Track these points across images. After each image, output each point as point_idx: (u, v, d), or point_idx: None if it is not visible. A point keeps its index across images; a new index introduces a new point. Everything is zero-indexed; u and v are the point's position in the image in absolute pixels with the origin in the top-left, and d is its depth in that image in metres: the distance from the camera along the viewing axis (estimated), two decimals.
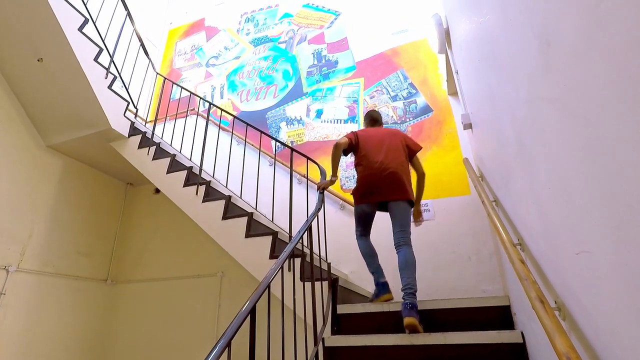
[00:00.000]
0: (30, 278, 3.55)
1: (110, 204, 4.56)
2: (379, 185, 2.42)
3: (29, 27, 3.32)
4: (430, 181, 3.41)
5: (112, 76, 3.72)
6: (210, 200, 3.02)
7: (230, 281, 3.76)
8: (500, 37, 1.30)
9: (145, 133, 3.75)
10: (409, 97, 3.89)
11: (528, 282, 1.13)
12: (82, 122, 3.70)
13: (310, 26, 4.88)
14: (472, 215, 3.10)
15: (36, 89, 3.64)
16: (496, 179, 1.84)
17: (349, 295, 2.68)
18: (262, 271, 2.59)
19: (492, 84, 1.54)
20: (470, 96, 2.31)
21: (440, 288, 2.95)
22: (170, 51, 5.93)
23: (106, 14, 4.03)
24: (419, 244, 3.17)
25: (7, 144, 3.55)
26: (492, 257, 2.87)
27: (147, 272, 4.22)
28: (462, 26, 2.12)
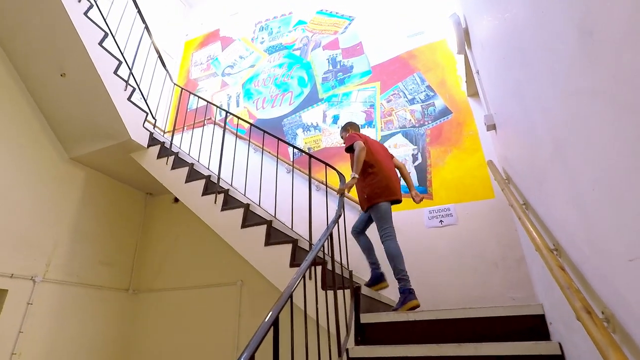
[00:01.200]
0: (55, 288, 3.61)
1: (130, 214, 4.63)
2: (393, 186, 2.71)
3: (52, 44, 3.42)
4: (452, 185, 3.33)
5: (131, 88, 3.79)
6: (229, 209, 3.01)
7: (250, 290, 3.74)
8: (529, 32, 1.24)
9: (164, 143, 3.79)
10: (426, 99, 3.82)
11: (571, 291, 1.05)
12: (103, 134, 3.77)
13: (324, 32, 4.87)
14: (497, 219, 3.00)
15: (59, 103, 3.74)
16: (526, 181, 1.75)
17: (372, 304, 2.60)
18: (282, 279, 2.55)
19: (520, 81, 1.48)
20: (494, 96, 2.23)
21: (466, 296, 2.84)
22: (187, 62, 6.03)
23: (125, 28, 4.11)
24: (442, 249, 3.09)
25: (32, 157, 3.64)
26: (521, 262, 2.75)
27: (168, 281, 4.25)
28: (484, 24, 2.05)
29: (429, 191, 3.42)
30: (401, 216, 3.39)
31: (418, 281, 3.04)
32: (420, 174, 3.52)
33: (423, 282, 3.04)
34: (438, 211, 3.28)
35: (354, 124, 3.12)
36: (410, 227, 3.32)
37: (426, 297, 2.97)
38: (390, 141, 3.79)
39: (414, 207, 3.39)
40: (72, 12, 3.26)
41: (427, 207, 3.35)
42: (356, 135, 2.80)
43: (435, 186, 3.41)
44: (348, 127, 3.08)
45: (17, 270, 3.31)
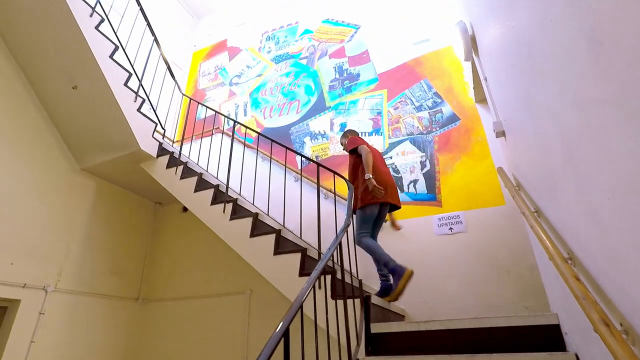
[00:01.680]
0: (66, 298, 3.64)
1: (140, 223, 4.67)
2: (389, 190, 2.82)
3: (65, 58, 3.49)
4: (461, 191, 3.31)
5: (141, 99, 3.84)
6: (238, 218, 3.02)
7: (259, 299, 3.73)
8: (539, 41, 1.23)
9: (173, 153, 3.83)
10: (434, 106, 3.82)
11: (587, 302, 1.03)
12: (114, 145, 3.82)
13: (330, 41, 4.91)
14: (508, 226, 2.96)
15: (71, 114, 3.81)
16: (538, 189, 1.74)
17: (382, 314, 2.58)
18: (292, 289, 2.54)
19: (530, 90, 1.47)
20: (502, 103, 2.22)
21: (478, 305, 2.80)
22: (195, 72, 6.11)
23: (134, 40, 4.19)
24: (452, 258, 3.06)
25: (45, 168, 3.70)
26: (533, 270, 2.71)
27: (177, 290, 4.26)
28: (491, 32, 2.05)
29: (437, 198, 3.40)
30: (410, 224, 3.38)
31: (428, 289, 3.02)
32: (428, 181, 3.51)
33: (433, 290, 3.01)
34: (447, 218, 3.26)
35: (353, 131, 3.33)
36: (419, 235, 3.30)
37: (437, 306, 2.94)
38: (397, 148, 3.79)
39: (423, 214, 3.38)
40: (84, 27, 3.33)
41: (436, 214, 3.33)
42: (360, 140, 3.05)
43: (444, 193, 3.39)
44: (347, 134, 3.27)
45: (29, 280, 3.35)
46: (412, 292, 3.07)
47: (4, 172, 3.34)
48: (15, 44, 3.59)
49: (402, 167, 3.69)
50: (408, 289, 3.08)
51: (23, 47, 3.59)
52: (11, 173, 3.40)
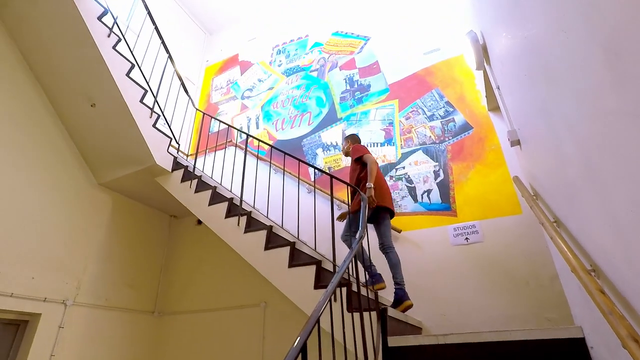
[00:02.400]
0: (85, 311, 3.69)
1: (155, 237, 4.73)
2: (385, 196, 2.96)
3: (84, 77, 3.61)
4: (476, 201, 3.26)
5: (156, 115, 3.93)
6: (252, 231, 3.03)
7: (274, 311, 3.72)
8: (552, 51, 1.23)
9: (187, 167, 3.89)
10: (446, 115, 3.80)
11: (614, 316, 1.01)
12: (130, 160, 3.90)
13: (340, 53, 4.96)
14: (526, 235, 2.90)
15: (89, 131, 3.92)
16: (556, 199, 1.71)
17: (399, 326, 2.54)
18: (307, 301, 2.53)
19: (545, 99, 1.46)
20: (517, 112, 2.20)
21: (497, 317, 2.74)
22: (208, 87, 6.23)
23: (150, 57, 4.31)
24: (469, 268, 3.01)
25: (64, 183, 3.80)
26: (554, 280, 2.64)
27: (192, 303, 4.28)
28: (502, 41, 2.05)
29: (452, 208, 3.36)
30: (425, 234, 3.34)
31: (445, 301, 2.97)
32: (442, 190, 3.48)
33: (450, 301, 2.96)
34: (463, 228, 3.21)
35: (356, 136, 3.45)
36: (435, 245, 3.26)
37: (454, 318, 2.89)
38: (410, 158, 3.77)
39: (438, 224, 3.34)
40: (102, 47, 3.45)
41: (451, 224, 3.29)
42: (365, 148, 3.18)
43: (458, 203, 3.35)
44: (349, 139, 3.40)
45: (49, 294, 3.42)
46: (429, 303, 3.03)
47: (26, 188, 3.44)
48: (38, 65, 3.72)
49: (415, 177, 3.67)
50: (425, 300, 3.06)
51: (45, 68, 3.72)
52: (32, 189, 3.49)
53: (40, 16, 3.47)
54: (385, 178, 3.80)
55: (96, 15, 3.51)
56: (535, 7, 1.32)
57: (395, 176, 3.77)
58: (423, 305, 3.05)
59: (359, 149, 3.13)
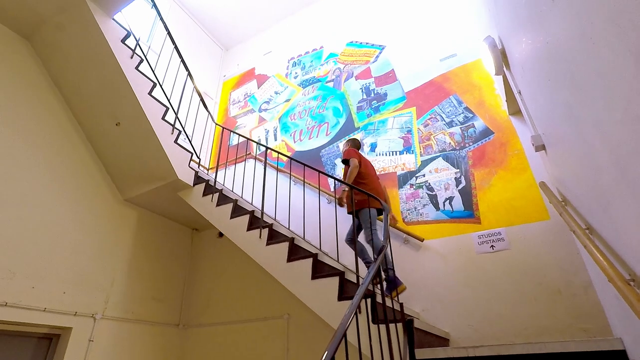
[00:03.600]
0: (113, 325, 3.77)
1: (178, 250, 4.81)
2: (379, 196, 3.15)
3: (109, 98, 3.75)
4: (501, 207, 3.19)
5: (177, 131, 4.03)
6: (274, 243, 3.05)
7: (297, 323, 3.71)
8: (577, 57, 1.21)
9: (208, 181, 3.95)
10: (465, 121, 3.76)
11: None
12: (153, 176, 4.00)
13: (355, 62, 4.99)
14: (556, 242, 2.81)
15: (115, 149, 4.05)
16: (587, 205, 1.65)
17: (425, 338, 2.49)
18: (331, 313, 2.51)
19: (571, 105, 1.43)
20: (540, 116, 2.15)
21: (528, 327, 2.65)
22: (225, 101, 6.36)
23: (170, 75, 4.45)
24: (496, 277, 2.93)
25: (92, 200, 3.93)
26: (588, 289, 2.54)
27: (216, 315, 4.31)
28: (522, 47, 2.02)
29: (475, 215, 3.29)
30: (448, 242, 3.29)
31: (472, 311, 2.90)
32: (465, 197, 3.42)
33: (478, 312, 2.89)
34: (488, 236, 3.14)
35: (356, 140, 3.63)
36: (459, 254, 3.20)
37: (483, 329, 2.81)
38: (430, 166, 3.73)
39: (461, 232, 3.28)
40: (126, 68, 3.58)
41: (475, 231, 3.22)
42: (354, 152, 3.35)
43: (482, 209, 3.28)
44: (348, 143, 3.61)
45: (80, 308, 3.51)
46: (456, 314, 2.96)
47: (57, 206, 3.57)
48: (66, 87, 3.89)
49: (436, 184, 3.62)
50: (452, 310, 2.99)
51: (72, 90, 3.89)
52: (63, 206, 3.63)
53: (69, 42, 3.64)
54: (405, 186, 3.78)
55: (120, 38, 3.66)
56: (557, 14, 1.30)
57: (415, 184, 3.74)
58: (450, 315, 2.99)
59: (349, 152, 3.35)
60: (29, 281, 3.20)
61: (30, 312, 3.14)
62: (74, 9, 3.43)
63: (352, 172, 3.14)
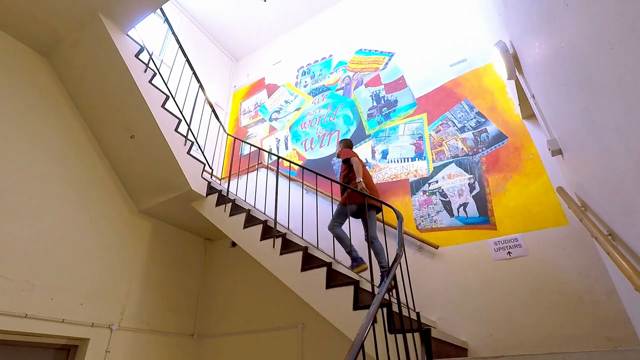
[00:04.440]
0: (129, 335, 3.80)
1: (192, 260, 4.84)
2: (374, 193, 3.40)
3: (123, 111, 3.83)
4: (517, 212, 3.14)
5: (190, 142, 4.08)
6: (288, 253, 3.05)
7: (312, 333, 3.68)
8: (595, 62, 1.19)
9: (221, 191, 3.98)
10: (477, 126, 3.72)
11: None
12: (167, 187, 4.05)
13: (365, 70, 5.01)
14: (575, 247, 2.74)
15: (129, 161, 4.11)
16: (609, 211, 1.61)
17: (443, 347, 2.45)
18: (346, 323, 2.49)
19: (589, 110, 1.40)
20: (555, 120, 2.12)
21: (550, 336, 2.58)
22: (236, 111, 6.43)
23: (182, 87, 4.53)
24: (514, 284, 2.87)
25: (108, 211, 3.99)
26: (612, 296, 2.46)
27: (229, 325, 4.31)
28: (535, 51, 2.00)
29: (491, 221, 3.24)
30: (464, 249, 3.24)
31: (491, 320, 2.84)
32: (479, 203, 3.37)
33: (497, 320, 2.83)
34: (504, 242, 3.09)
35: (348, 140, 3.90)
36: (475, 261, 3.14)
37: (503, 337, 2.75)
38: (443, 172, 3.70)
39: (477, 239, 3.23)
40: (140, 82, 3.65)
41: (491, 238, 3.17)
42: (352, 151, 3.65)
43: (497, 215, 3.23)
44: (342, 144, 3.86)
45: (97, 319, 3.55)
46: (474, 322, 2.91)
47: (74, 219, 3.64)
48: (82, 102, 3.99)
49: (449, 190, 3.58)
50: (469, 318, 2.94)
51: (88, 105, 3.98)
52: (80, 219, 3.69)
53: (84, 58, 3.74)
54: (418, 193, 3.75)
55: (133, 53, 3.74)
56: (571, 19, 1.29)
57: (428, 191, 3.70)
58: (467, 324, 2.94)
59: (347, 153, 3.60)
60: (48, 293, 3.25)
61: (49, 323, 3.19)
62: (90, 26, 3.52)
63: (359, 167, 3.37)
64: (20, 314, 3.01)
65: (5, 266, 3.02)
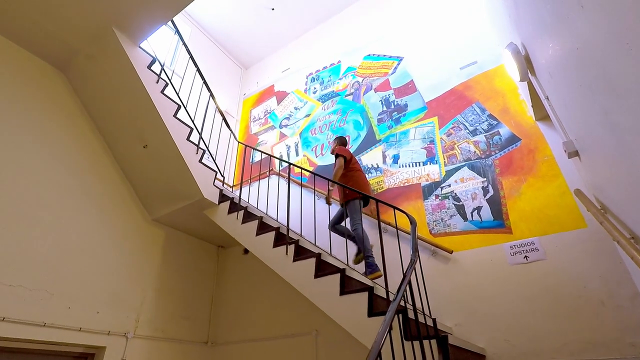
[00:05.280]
0: (144, 343, 3.83)
1: (205, 268, 4.86)
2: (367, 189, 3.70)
3: (137, 121, 3.89)
4: (533, 216, 3.09)
5: (201, 151, 4.12)
6: (301, 259, 3.04)
7: (326, 339, 3.66)
8: (614, 62, 1.17)
9: (233, 199, 4.01)
10: (490, 129, 3.68)
11: None
12: (179, 195, 4.09)
13: (374, 75, 5.01)
14: (595, 250, 2.68)
15: (142, 171, 4.17)
16: (631, 214, 1.58)
17: (460, 354, 2.41)
18: (361, 330, 2.47)
19: (609, 111, 1.38)
20: (571, 122, 2.09)
21: (571, 342, 2.51)
22: (246, 119, 6.49)
23: (193, 96, 4.58)
24: (533, 289, 2.82)
25: (122, 221, 4.04)
26: (635, 300, 2.39)
27: (243, 332, 4.31)
28: (549, 53, 1.98)
29: (506, 225, 3.19)
30: (479, 254, 3.19)
31: (509, 325, 2.79)
32: (493, 207, 3.32)
33: (515, 326, 2.77)
34: (520, 246, 3.03)
35: (342, 138, 4.13)
36: (491, 266, 3.09)
37: (521, 344, 2.69)
38: (455, 175, 3.67)
39: (492, 243, 3.19)
40: (152, 93, 3.71)
41: (506, 242, 3.12)
42: (344, 150, 3.81)
43: (513, 219, 3.18)
44: (336, 141, 4.09)
45: (112, 327, 3.59)
46: (491, 328, 2.86)
47: (90, 228, 3.70)
48: (97, 113, 4.07)
49: (462, 194, 3.55)
50: (487, 325, 2.89)
51: (103, 116, 4.06)
52: (95, 228, 3.75)
53: (99, 71, 3.82)
54: (431, 197, 3.72)
55: (146, 64, 3.81)
56: (587, 20, 1.27)
57: (441, 195, 3.67)
58: (484, 330, 2.89)
59: (340, 150, 3.80)
60: (65, 302, 3.30)
61: (66, 331, 3.23)
62: (104, 40, 3.60)
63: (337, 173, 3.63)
64: (39, 322, 3.05)
65: (24, 276, 3.08)
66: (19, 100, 3.52)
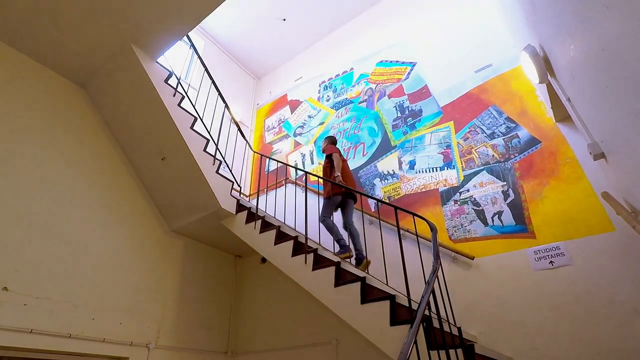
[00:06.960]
0: (165, 354, 3.85)
1: (223, 277, 4.89)
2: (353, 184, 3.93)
3: (155, 134, 3.97)
4: (557, 219, 3.02)
5: (218, 161, 4.17)
6: (320, 268, 3.03)
7: (346, 348, 3.62)
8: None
9: (250, 208, 4.03)
10: (508, 132, 3.63)
11: None
12: (197, 206, 4.13)
13: (387, 81, 5.00)
14: (625, 254, 2.59)
15: (161, 183, 4.24)
16: None
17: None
18: (384, 339, 2.44)
19: (638, 111, 1.34)
20: (596, 123, 2.04)
21: (602, 351, 2.42)
22: (260, 128, 6.54)
23: (209, 108, 4.65)
24: (559, 295, 2.74)
25: (142, 232, 4.10)
26: None
27: (262, 342, 4.30)
28: (570, 54, 1.94)
29: (529, 229, 3.12)
30: (501, 260, 3.13)
31: (536, 334, 2.72)
32: (515, 211, 3.26)
33: (542, 334, 2.69)
34: (545, 251, 2.96)
35: (332, 137, 4.37)
36: (515, 272, 3.02)
37: (550, 352, 2.62)
38: (474, 180, 3.61)
39: (515, 248, 3.12)
40: (170, 106, 3.79)
41: (530, 247, 3.05)
42: (335, 148, 4.11)
43: (536, 223, 3.11)
44: (327, 140, 4.31)
45: (134, 338, 3.62)
46: (517, 336, 2.78)
47: (112, 241, 3.76)
48: (116, 127, 4.17)
49: (482, 199, 3.49)
50: (513, 332, 2.82)
51: (122, 130, 4.16)
52: (117, 240, 3.82)
53: (118, 86, 3.92)
54: (449, 203, 3.67)
55: (163, 78, 3.89)
56: (614, 21, 1.25)
57: (460, 200, 3.62)
58: (510, 338, 2.81)
59: (331, 149, 4.04)
60: (89, 313, 3.35)
61: (91, 343, 3.28)
62: (123, 56, 3.70)
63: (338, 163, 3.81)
64: (65, 334, 3.11)
65: (49, 288, 3.15)
66: (44, 117, 3.64)
